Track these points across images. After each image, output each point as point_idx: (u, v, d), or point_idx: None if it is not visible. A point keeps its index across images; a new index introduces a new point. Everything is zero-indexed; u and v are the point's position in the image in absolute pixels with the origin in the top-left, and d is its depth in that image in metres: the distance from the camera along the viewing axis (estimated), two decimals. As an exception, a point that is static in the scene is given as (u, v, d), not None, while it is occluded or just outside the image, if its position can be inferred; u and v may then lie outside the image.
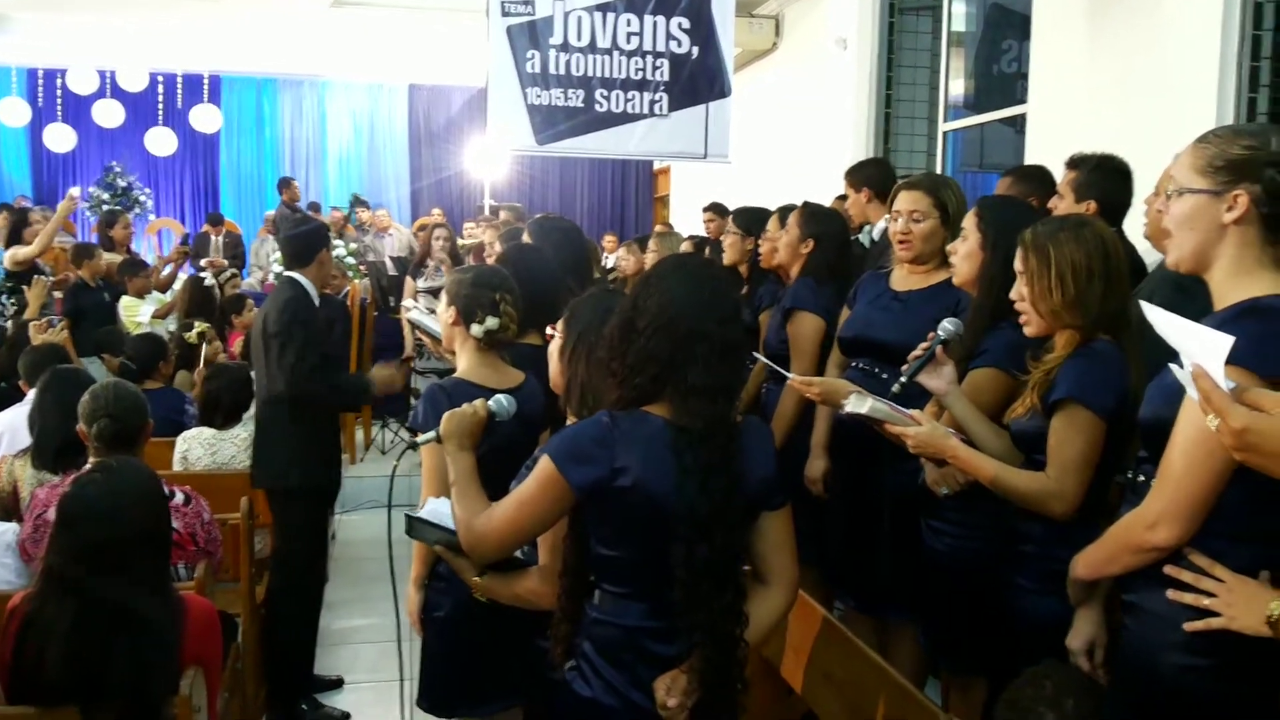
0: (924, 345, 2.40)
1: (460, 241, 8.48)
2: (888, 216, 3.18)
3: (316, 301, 3.83)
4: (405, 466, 2.28)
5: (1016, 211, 2.66)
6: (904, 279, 3.10)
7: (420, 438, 2.27)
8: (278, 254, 10.16)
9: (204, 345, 5.55)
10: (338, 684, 4.12)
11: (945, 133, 6.64)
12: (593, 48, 6.21)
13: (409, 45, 11.39)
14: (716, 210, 6.92)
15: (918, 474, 2.58)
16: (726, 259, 4.33)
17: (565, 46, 6.16)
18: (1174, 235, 1.75)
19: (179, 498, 3.04)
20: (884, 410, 2.26)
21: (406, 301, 6.74)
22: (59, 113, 12.94)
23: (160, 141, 12.94)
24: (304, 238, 3.91)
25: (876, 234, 4.07)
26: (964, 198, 3.06)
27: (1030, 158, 5.14)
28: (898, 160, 6.99)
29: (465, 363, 2.67)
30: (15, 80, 12.89)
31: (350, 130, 14.05)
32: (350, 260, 9.27)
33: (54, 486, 2.90)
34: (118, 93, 12.66)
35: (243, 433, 4.09)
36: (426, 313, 4.75)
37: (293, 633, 3.86)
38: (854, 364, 3.15)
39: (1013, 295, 2.23)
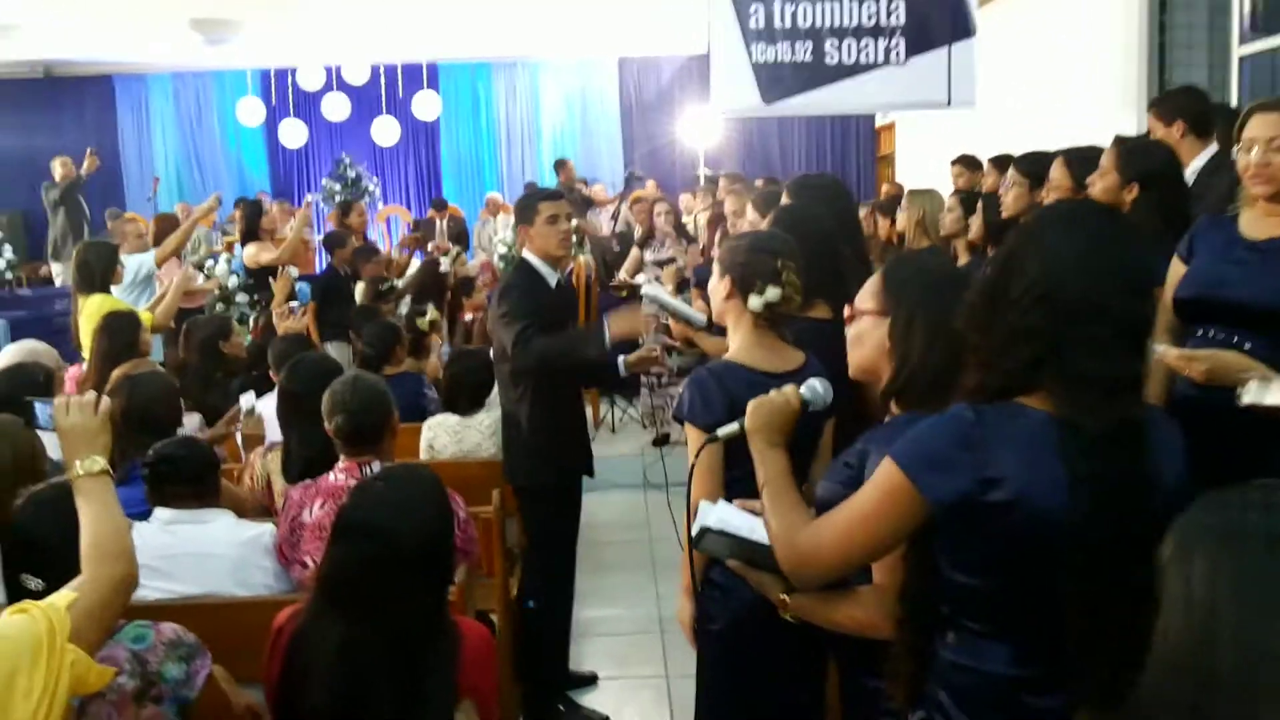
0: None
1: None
2: (1236, 147, 2.59)
3: (553, 279, 3.56)
4: (636, 446, 1.98)
5: None
6: (1260, 224, 2.51)
7: (721, 431, 1.94)
8: (500, 235, 10.23)
9: (433, 334, 5.52)
10: (592, 680, 3.90)
11: (1240, 58, 5.73)
12: (820, -6, 5.75)
13: (618, 19, 11.20)
14: (966, 163, 6.30)
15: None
16: (1006, 214, 3.79)
17: (791, -4, 5.73)
18: None
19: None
20: None
21: (640, 277, 6.52)
22: (291, 109, 13.53)
23: (385, 131, 13.33)
24: (516, 210, 3.74)
25: (1192, 174, 3.44)
26: None
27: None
28: (1177, 94, 6.14)
29: (739, 342, 2.33)
30: (250, 81, 13.55)
31: (563, 108, 14.05)
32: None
33: (306, 487, 2.77)
34: (343, 86, 13.13)
35: (486, 419, 3.93)
36: (664, 289, 4.44)
37: (547, 630, 3.66)
38: (1198, 331, 2.59)
39: None
